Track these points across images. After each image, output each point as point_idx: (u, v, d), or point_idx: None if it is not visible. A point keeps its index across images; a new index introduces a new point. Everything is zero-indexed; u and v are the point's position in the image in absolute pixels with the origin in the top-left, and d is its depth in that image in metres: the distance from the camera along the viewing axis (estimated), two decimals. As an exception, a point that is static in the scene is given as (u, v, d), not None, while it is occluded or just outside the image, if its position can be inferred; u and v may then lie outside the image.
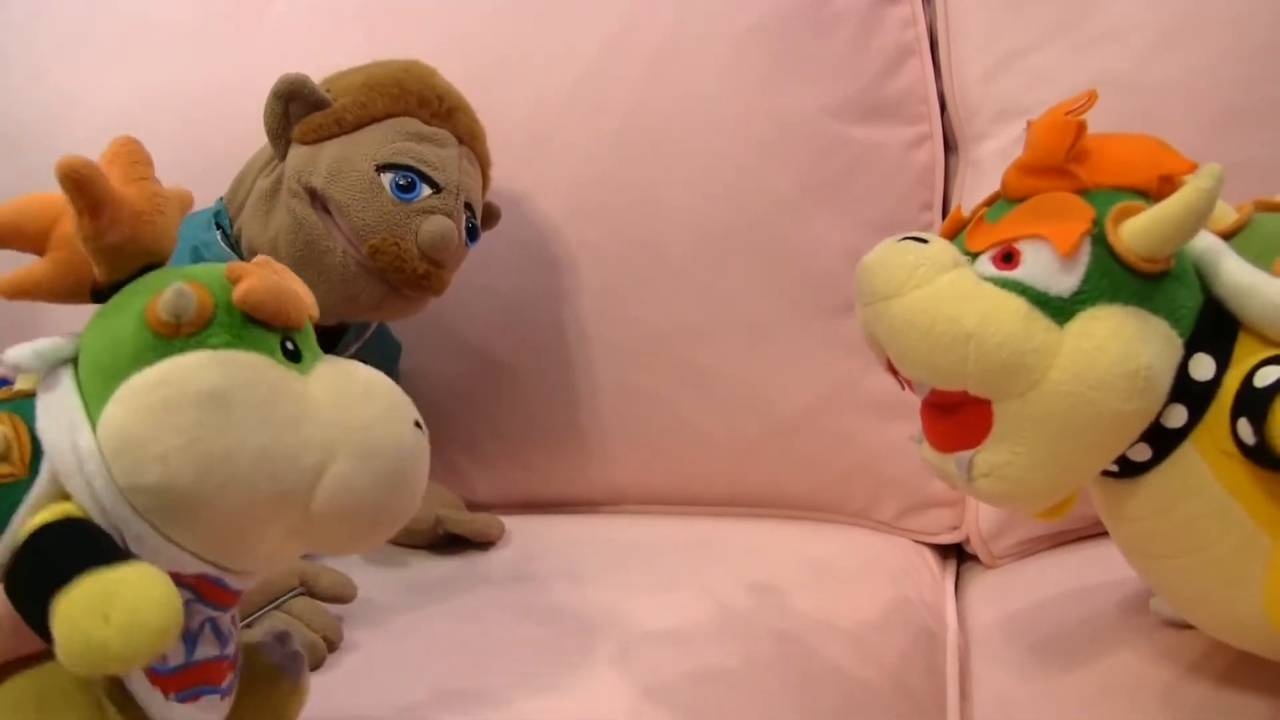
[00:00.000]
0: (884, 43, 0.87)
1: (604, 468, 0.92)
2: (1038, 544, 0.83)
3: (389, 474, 0.49)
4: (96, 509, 0.45)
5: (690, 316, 0.87)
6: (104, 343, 0.47)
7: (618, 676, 0.64)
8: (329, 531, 0.49)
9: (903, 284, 0.51)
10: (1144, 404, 0.49)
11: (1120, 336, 0.49)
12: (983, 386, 0.51)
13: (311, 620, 0.67)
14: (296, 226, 0.74)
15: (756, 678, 0.64)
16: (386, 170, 0.74)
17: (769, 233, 0.86)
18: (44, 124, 1.02)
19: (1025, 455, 0.51)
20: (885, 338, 0.53)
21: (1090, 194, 0.51)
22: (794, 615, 0.72)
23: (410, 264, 0.74)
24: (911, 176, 0.87)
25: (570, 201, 0.89)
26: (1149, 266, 0.49)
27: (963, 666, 0.72)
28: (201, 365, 0.46)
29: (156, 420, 0.45)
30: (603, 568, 0.80)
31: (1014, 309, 0.50)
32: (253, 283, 0.48)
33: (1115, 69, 0.80)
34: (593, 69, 0.89)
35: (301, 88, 0.76)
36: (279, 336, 0.49)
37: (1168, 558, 0.53)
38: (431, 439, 0.93)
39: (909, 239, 0.53)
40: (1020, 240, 0.51)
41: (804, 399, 0.86)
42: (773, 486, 0.90)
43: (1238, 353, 0.50)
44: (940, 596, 0.81)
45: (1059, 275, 0.50)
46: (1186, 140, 0.75)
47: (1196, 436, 0.50)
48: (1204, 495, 0.50)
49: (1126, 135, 0.54)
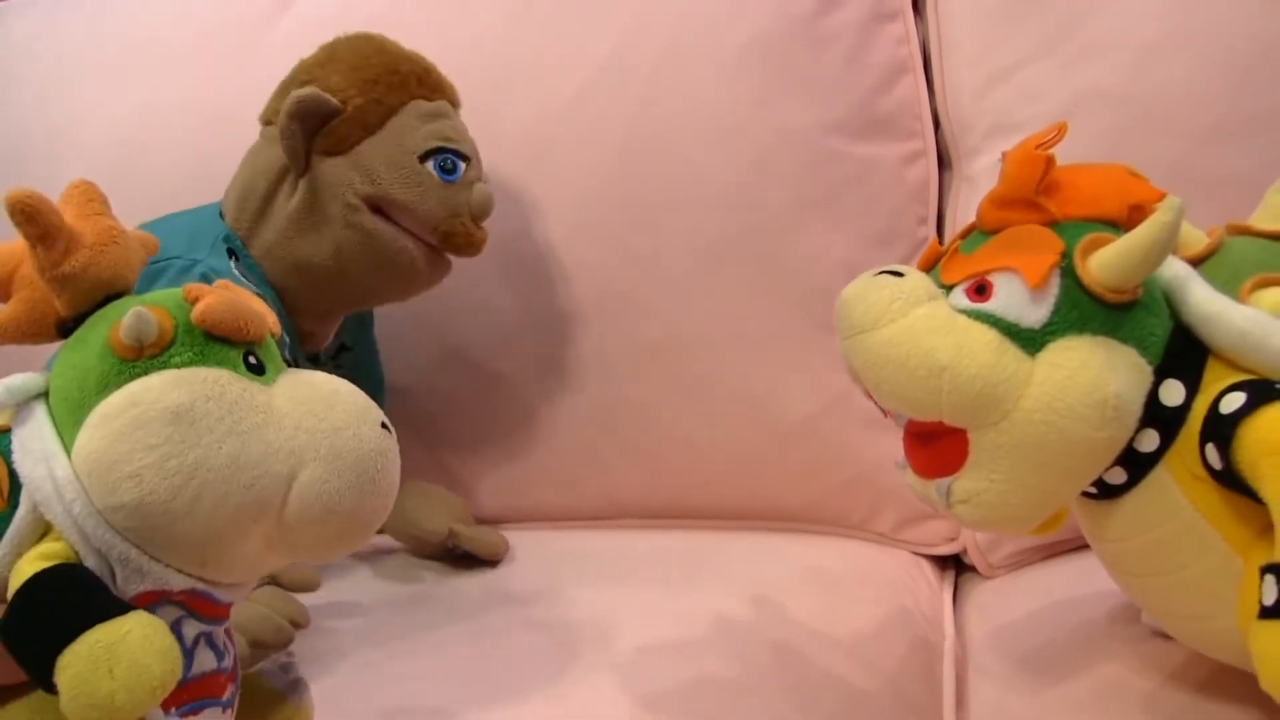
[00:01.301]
0: (878, 59, 0.88)
1: (603, 480, 0.93)
2: (1034, 554, 0.84)
3: (358, 475, 0.50)
4: (79, 535, 0.46)
5: (688, 328, 0.88)
6: (71, 373, 0.48)
7: (616, 687, 0.64)
8: (304, 537, 0.50)
9: (878, 318, 0.53)
10: (1114, 431, 0.50)
11: (1089, 366, 0.50)
12: (957, 417, 0.52)
13: (278, 606, 0.69)
14: (366, 239, 0.77)
15: (755, 687, 0.64)
16: (427, 158, 0.78)
17: (766, 246, 0.87)
18: (48, 143, 1.02)
19: (1001, 482, 0.52)
20: (862, 370, 0.54)
21: (1060, 226, 0.52)
22: (793, 626, 0.72)
23: (476, 236, 0.79)
24: (906, 191, 0.88)
25: (569, 215, 0.90)
26: (1116, 297, 0.50)
27: (959, 676, 0.72)
28: (166, 384, 0.47)
29: (128, 440, 0.46)
30: (602, 580, 0.80)
31: (986, 341, 0.51)
32: (210, 301, 0.49)
33: (1104, 84, 0.80)
34: (591, 84, 0.89)
35: (313, 103, 0.76)
36: (241, 352, 0.50)
37: (1148, 576, 0.54)
38: (430, 450, 0.95)
39: (885, 273, 0.54)
40: (992, 273, 0.52)
41: (802, 411, 0.87)
42: (771, 498, 0.90)
43: (1207, 378, 0.51)
44: (938, 607, 0.81)
45: (1029, 307, 0.51)
46: (1173, 154, 0.78)
47: (1169, 460, 0.51)
48: (1178, 517, 0.51)
49: (1098, 166, 0.55)
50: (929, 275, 0.55)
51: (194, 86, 0.99)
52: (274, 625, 0.67)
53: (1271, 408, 0.47)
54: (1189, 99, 0.78)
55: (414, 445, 0.92)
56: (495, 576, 0.83)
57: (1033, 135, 0.54)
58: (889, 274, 0.54)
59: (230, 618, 0.55)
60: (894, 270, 0.54)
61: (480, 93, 0.88)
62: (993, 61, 0.85)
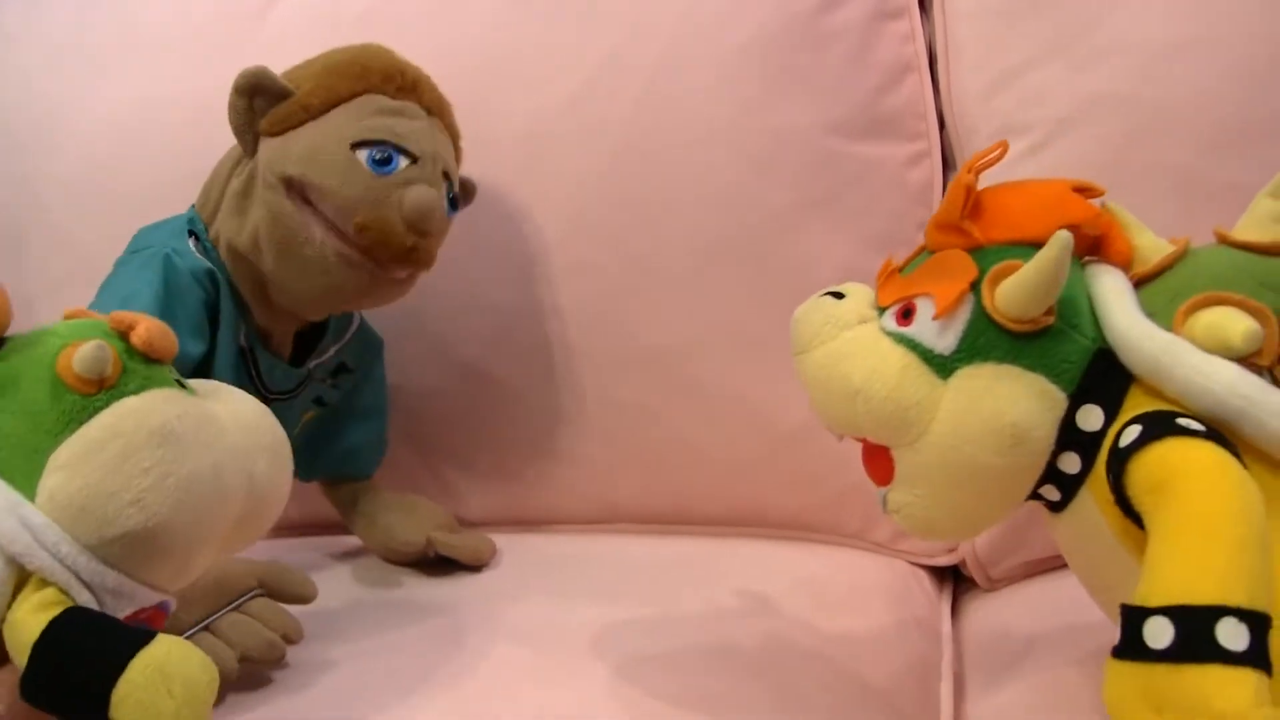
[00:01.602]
0: (882, 58, 0.87)
1: (597, 484, 0.92)
2: (1035, 567, 0.83)
3: (286, 461, 0.56)
4: (68, 575, 0.47)
5: (685, 331, 0.87)
6: (11, 420, 0.49)
7: (603, 696, 0.63)
8: (250, 528, 0.55)
9: (810, 340, 0.56)
10: (1016, 459, 0.51)
11: (990, 394, 0.51)
12: (877, 435, 0.54)
13: (270, 620, 0.67)
14: (273, 220, 0.73)
15: (748, 700, 0.63)
16: (361, 147, 0.73)
17: (765, 248, 0.86)
18: (35, 133, 1.01)
19: (923, 498, 0.54)
20: (804, 388, 0.58)
21: (983, 251, 0.53)
22: (786, 637, 0.71)
23: (397, 238, 0.72)
24: (909, 193, 0.87)
25: (565, 216, 0.88)
26: (1018, 327, 0.51)
27: (957, 691, 0.71)
28: (140, 409, 0.49)
29: (121, 470, 0.48)
30: (593, 587, 0.79)
31: (897, 365, 0.53)
32: (148, 325, 0.52)
33: (1113, 87, 0.79)
34: (589, 84, 0.88)
35: (263, 80, 0.75)
36: (168, 370, 0.53)
37: (1094, 592, 0.56)
38: (423, 454, 0.94)
39: (829, 294, 0.57)
40: (917, 297, 0.54)
41: (799, 417, 0.85)
42: (768, 505, 0.89)
43: (1127, 404, 0.51)
44: (936, 620, 0.80)
45: (942, 333, 0.52)
46: (1183, 160, 0.77)
47: (1090, 484, 0.51)
48: (1101, 540, 0.51)
49: (1036, 184, 0.55)
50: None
51: (184, 78, 0.97)
52: (265, 640, 0.65)
53: (1161, 444, 0.46)
54: (1200, 103, 0.77)
55: (403, 446, 0.92)
56: (481, 583, 0.82)
57: (977, 153, 0.55)
58: (831, 295, 0.57)
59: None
60: (836, 292, 0.57)
61: (476, 91, 0.87)
62: (1000, 62, 0.83)
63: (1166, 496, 0.45)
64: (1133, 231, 0.55)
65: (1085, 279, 0.54)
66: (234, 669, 0.63)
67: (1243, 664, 0.40)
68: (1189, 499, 0.44)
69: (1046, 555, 0.81)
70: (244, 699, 0.63)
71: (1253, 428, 0.48)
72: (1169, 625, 0.42)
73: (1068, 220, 0.52)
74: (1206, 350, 0.49)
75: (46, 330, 0.52)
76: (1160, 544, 0.44)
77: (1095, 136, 0.79)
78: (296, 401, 0.82)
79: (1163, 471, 0.46)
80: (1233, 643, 0.41)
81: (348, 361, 0.86)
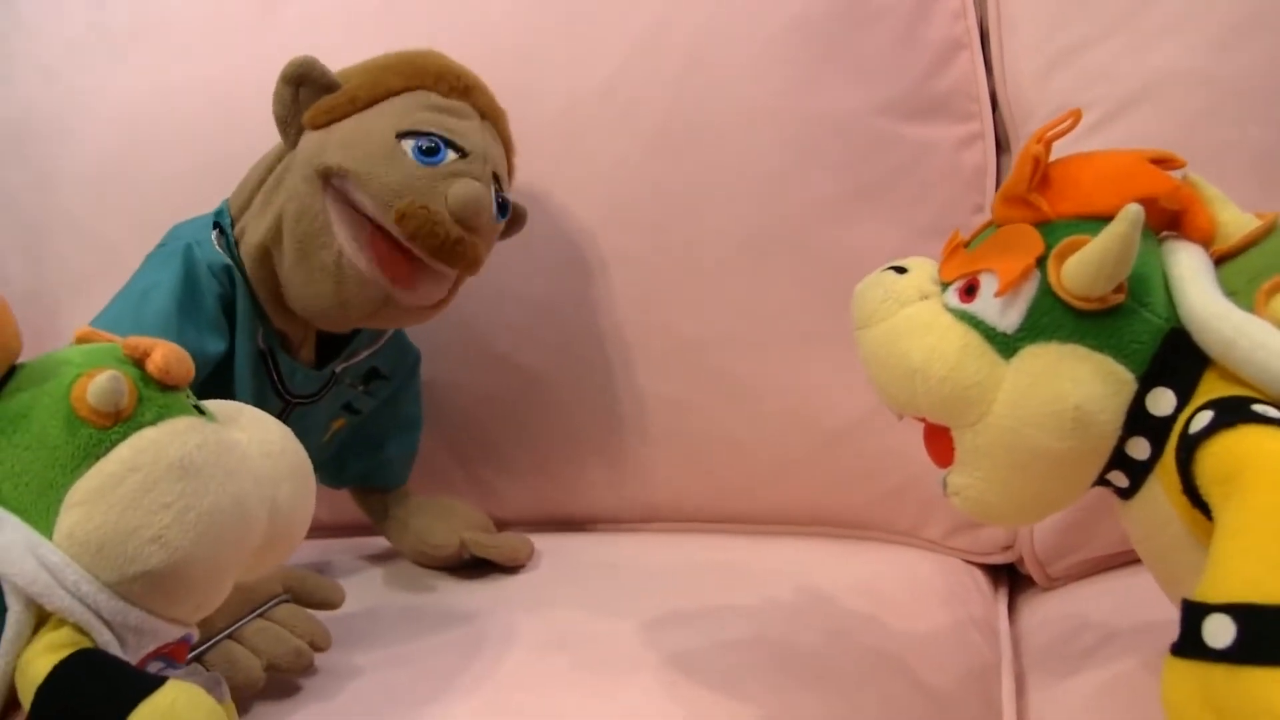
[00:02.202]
0: (932, 36, 0.85)
1: (638, 483, 0.90)
2: (1095, 565, 0.81)
3: (310, 485, 0.56)
4: (88, 614, 0.47)
5: (729, 324, 0.85)
6: (25, 455, 0.48)
7: (649, 704, 0.62)
8: (271, 554, 0.54)
9: (869, 316, 0.56)
10: (1078, 443, 0.50)
11: (1053, 375, 0.50)
12: (936, 416, 0.54)
13: (296, 626, 0.66)
14: (299, 215, 0.71)
15: (801, 710, 0.62)
16: (407, 137, 0.71)
17: (812, 237, 0.84)
18: (55, 123, 1.00)
19: (982, 480, 0.53)
20: (863, 365, 0.57)
21: (1051, 225, 0.52)
22: (839, 641, 0.69)
23: (443, 227, 0.69)
24: (962, 178, 0.85)
25: (603, 205, 0.87)
26: (1085, 305, 0.50)
27: (1019, 692, 0.69)
28: (158, 441, 0.49)
29: (141, 506, 0.47)
30: (635, 591, 0.77)
31: (957, 343, 0.52)
32: (164, 352, 0.51)
33: (1181, 64, 0.77)
34: (625, 67, 0.86)
35: (311, 70, 0.73)
36: (185, 395, 0.52)
37: (1165, 584, 0.54)
38: (458, 451, 0.93)
39: (891, 269, 0.56)
40: (981, 273, 0.53)
41: (849, 412, 0.84)
42: (815, 503, 0.88)
43: (1202, 388, 0.49)
44: (993, 619, 0.79)
45: (1005, 310, 0.51)
46: (1258, 141, 0.75)
47: (1159, 471, 0.49)
48: (1170, 529, 0.49)
49: (1109, 154, 0.54)
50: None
51: (202, 67, 0.96)
52: (293, 648, 0.64)
53: (1231, 433, 0.45)
54: (1274, 81, 0.75)
55: (436, 444, 0.91)
56: (519, 587, 0.81)
57: (1046, 124, 0.53)
58: (893, 270, 0.56)
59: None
60: (899, 266, 0.56)
61: (506, 77, 0.84)
62: (1057, 39, 0.81)
63: (1235, 488, 0.43)
64: (1216, 206, 0.53)
65: (1161, 255, 0.52)
66: (260, 678, 0.62)
67: None
68: (1258, 492, 0.42)
69: (1107, 553, 0.80)
70: (269, 708, 0.63)
71: None
72: (1230, 624, 0.40)
73: (1142, 193, 0.50)
74: None
75: (59, 358, 0.51)
76: (1226, 538, 0.42)
77: (1164, 114, 0.77)
78: (322, 405, 0.80)
79: (1233, 461, 0.44)
80: None
81: (381, 368, 0.84)
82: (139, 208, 0.95)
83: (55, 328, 0.91)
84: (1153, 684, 0.57)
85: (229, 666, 0.61)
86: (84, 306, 0.93)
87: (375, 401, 0.85)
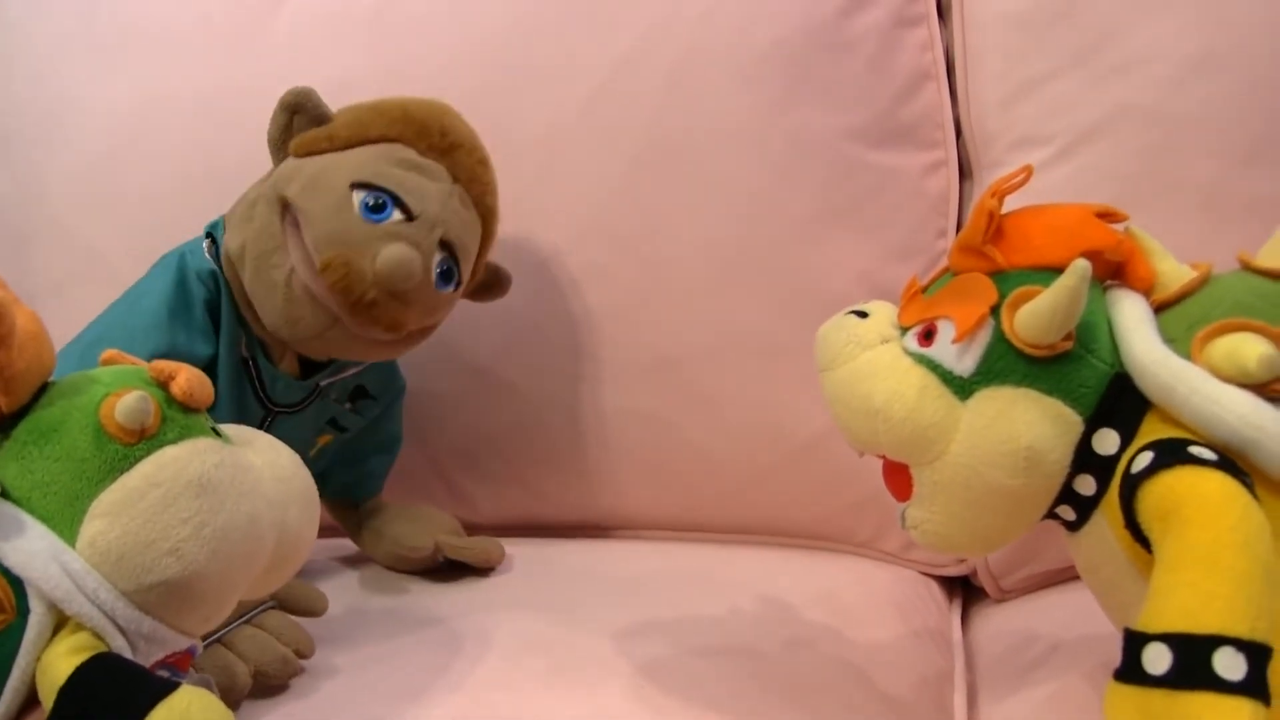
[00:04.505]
0: (901, 66, 0.86)
1: (609, 492, 0.91)
2: (1045, 579, 0.83)
3: (315, 509, 0.57)
4: (104, 620, 0.49)
5: (700, 339, 0.86)
6: (55, 467, 0.50)
7: (621, 705, 0.63)
8: (276, 574, 0.56)
9: (833, 359, 0.57)
10: (1030, 480, 0.52)
11: (1006, 417, 0.52)
12: (896, 454, 0.56)
13: (283, 634, 0.67)
14: (259, 234, 0.72)
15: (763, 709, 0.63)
16: (360, 188, 0.70)
17: (782, 255, 0.85)
18: (43, 127, 1.00)
19: (939, 515, 0.55)
20: (826, 405, 0.59)
21: (1005, 275, 0.54)
22: (802, 646, 0.71)
23: (359, 286, 0.68)
24: (927, 202, 0.86)
25: (581, 221, 0.88)
26: (1036, 351, 0.52)
27: (970, 700, 0.71)
28: (179, 459, 0.50)
29: (160, 519, 0.49)
30: (605, 595, 0.79)
31: (916, 386, 0.54)
32: (188, 376, 0.53)
33: (1136, 99, 0.79)
34: (606, 87, 0.87)
35: (307, 100, 0.74)
36: (204, 418, 0.54)
37: (1111, 610, 0.56)
38: (434, 458, 0.94)
39: (852, 313, 0.58)
40: (938, 318, 0.55)
41: (814, 425, 0.85)
42: (780, 514, 0.89)
43: (1143, 429, 0.51)
44: (947, 629, 0.80)
45: (961, 355, 0.53)
46: (1208, 175, 0.77)
47: (1104, 507, 0.52)
48: (1115, 561, 0.52)
49: (1057, 208, 0.56)
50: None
51: (192, 75, 0.97)
52: (279, 655, 0.65)
53: (1169, 473, 0.47)
54: (1225, 117, 0.77)
55: (414, 451, 0.91)
56: (491, 590, 0.81)
57: (1002, 177, 0.56)
58: (855, 314, 0.58)
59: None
60: (860, 310, 0.58)
61: (490, 92, 0.86)
62: (1020, 72, 0.83)
63: (1173, 525, 0.46)
64: (1155, 257, 0.55)
65: (1106, 304, 0.54)
66: (248, 683, 0.63)
67: (1239, 693, 0.41)
68: (1194, 529, 0.45)
69: (1056, 568, 0.82)
70: (251, 706, 0.64)
71: (1265, 458, 0.48)
72: (1167, 651, 0.43)
73: (1089, 246, 0.53)
74: (1224, 376, 0.49)
75: (89, 377, 0.53)
76: (1164, 572, 0.45)
77: (1118, 148, 0.79)
78: (306, 417, 0.80)
79: (1171, 500, 0.46)
80: (1230, 672, 0.41)
81: (369, 387, 0.84)
82: (124, 213, 0.96)
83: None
84: (1096, 696, 0.60)
85: (219, 671, 0.62)
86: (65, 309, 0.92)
87: (363, 421, 0.85)
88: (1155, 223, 0.57)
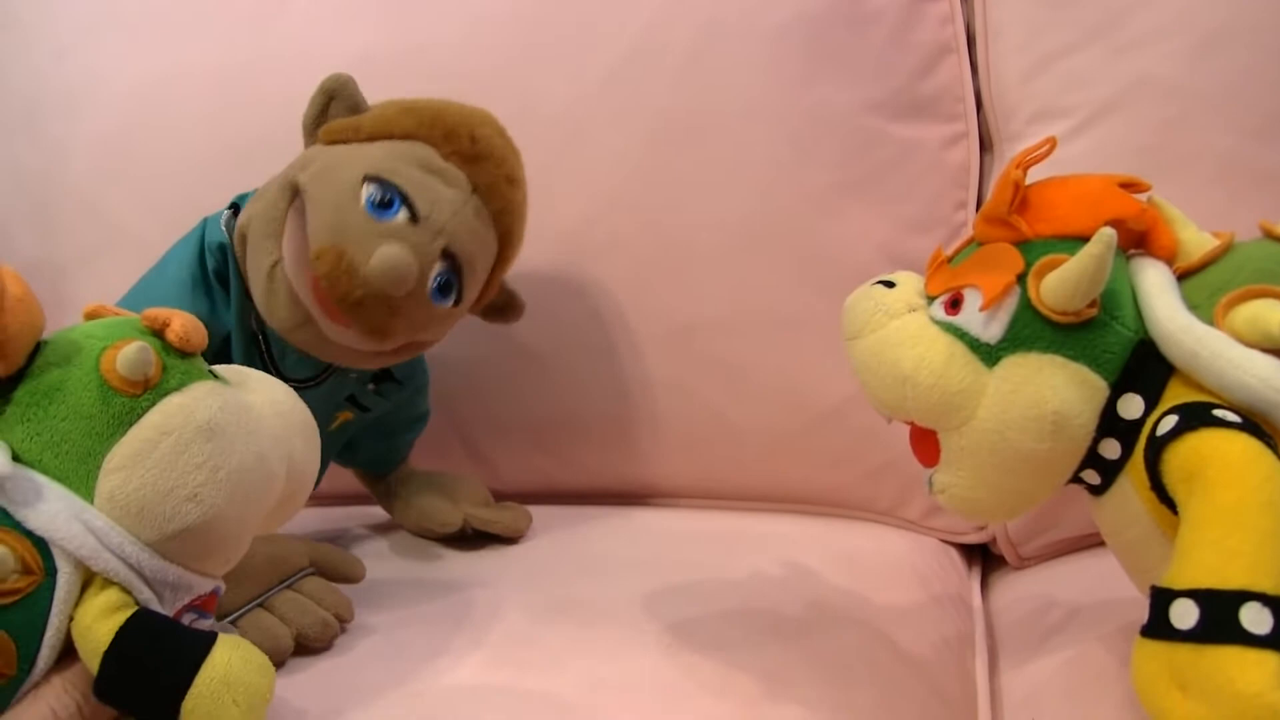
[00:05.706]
0: (921, 39, 0.86)
1: (631, 460, 0.92)
2: (1064, 546, 0.84)
3: (317, 440, 0.58)
4: (132, 574, 0.49)
5: (722, 309, 0.87)
6: (63, 426, 0.49)
7: (643, 670, 0.64)
8: (283, 510, 0.56)
9: (861, 328, 0.58)
10: (1057, 444, 0.53)
11: (1032, 383, 0.52)
12: (924, 420, 0.56)
13: (323, 599, 0.68)
14: (261, 214, 0.70)
15: (791, 670, 0.64)
16: (370, 182, 0.68)
17: (803, 227, 0.85)
18: (66, 102, 1.00)
19: (966, 480, 0.56)
20: (854, 373, 0.60)
21: (1029, 244, 0.54)
22: (825, 613, 0.72)
23: (345, 280, 0.65)
24: (947, 175, 0.87)
25: (603, 195, 0.88)
26: (1062, 319, 0.52)
27: (991, 665, 0.72)
28: (186, 406, 0.50)
29: (175, 467, 0.49)
30: (629, 561, 0.79)
31: (944, 353, 0.55)
32: (183, 321, 0.52)
33: (1156, 72, 0.79)
34: (625, 62, 0.87)
35: (344, 88, 0.73)
36: (201, 361, 0.54)
37: (1134, 573, 0.56)
38: (459, 425, 0.95)
39: (880, 283, 0.59)
40: (964, 287, 0.56)
41: (835, 394, 0.86)
42: (801, 481, 0.90)
43: (1167, 394, 0.52)
44: (967, 595, 0.81)
45: (988, 323, 0.54)
46: (1226, 147, 0.78)
47: (1129, 470, 0.53)
48: (1139, 524, 0.52)
49: (1081, 179, 0.56)
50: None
51: (214, 48, 0.97)
52: (320, 619, 0.66)
53: (1194, 435, 0.48)
54: (1245, 91, 0.77)
55: (438, 419, 0.92)
56: (517, 556, 0.82)
57: (1026, 148, 0.56)
58: (882, 284, 0.59)
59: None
60: (887, 280, 0.59)
61: (510, 69, 0.86)
62: (1040, 45, 0.83)
63: (1198, 485, 0.46)
64: (1177, 226, 0.56)
65: (1129, 272, 0.55)
66: (289, 646, 0.64)
67: (1265, 646, 0.42)
68: (1219, 489, 0.46)
69: (1075, 535, 0.82)
70: (290, 661, 0.65)
71: None
72: (1194, 607, 0.44)
73: (1112, 215, 0.53)
74: (1248, 342, 0.50)
75: (79, 332, 0.52)
76: (1190, 531, 0.46)
77: (1137, 121, 0.79)
78: (322, 391, 0.78)
79: (1196, 461, 0.47)
80: (1256, 626, 0.42)
81: (395, 372, 0.82)
82: (147, 185, 0.96)
83: (59, 298, 0.94)
84: (1114, 660, 0.62)
85: (263, 634, 0.63)
86: (90, 279, 0.94)
87: (386, 403, 0.83)
88: (1173, 195, 0.57)
